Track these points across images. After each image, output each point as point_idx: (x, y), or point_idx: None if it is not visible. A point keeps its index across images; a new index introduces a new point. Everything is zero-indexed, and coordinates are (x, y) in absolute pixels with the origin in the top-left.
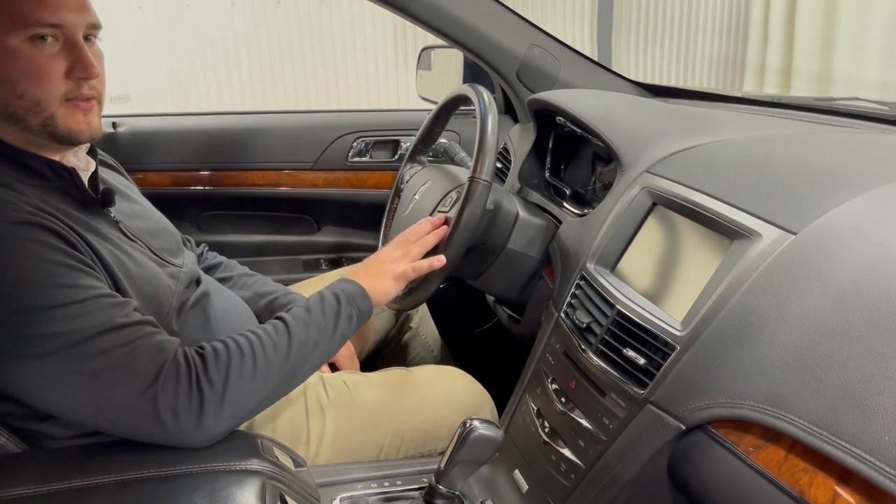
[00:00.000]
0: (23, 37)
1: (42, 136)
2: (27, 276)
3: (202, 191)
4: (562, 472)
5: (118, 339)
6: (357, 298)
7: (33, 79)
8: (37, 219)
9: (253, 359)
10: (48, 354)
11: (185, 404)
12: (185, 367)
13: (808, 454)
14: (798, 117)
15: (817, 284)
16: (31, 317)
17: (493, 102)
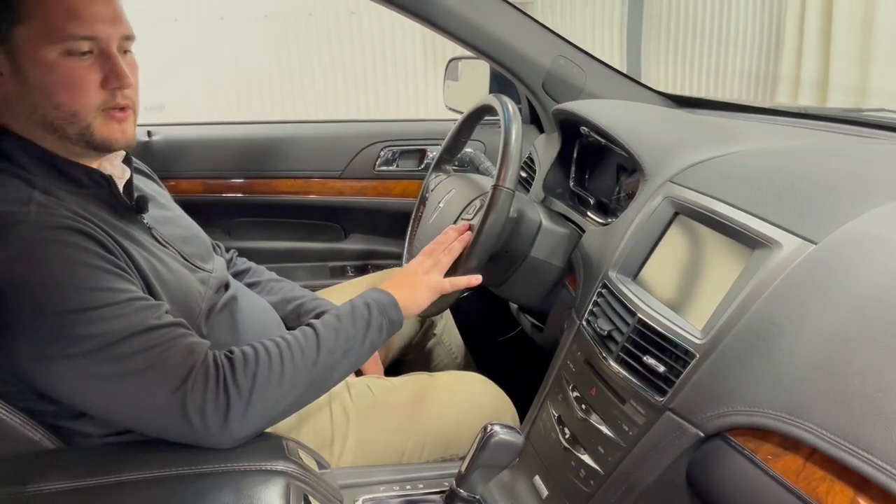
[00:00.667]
0: (59, 49)
1: (79, 144)
2: (65, 280)
3: (233, 198)
4: (581, 478)
5: (150, 340)
6: (388, 308)
7: (70, 90)
8: (76, 224)
9: (281, 364)
10: (83, 355)
11: (213, 406)
12: (214, 370)
13: (826, 462)
14: (824, 128)
15: (837, 294)
16: (67, 318)
17: (517, 112)
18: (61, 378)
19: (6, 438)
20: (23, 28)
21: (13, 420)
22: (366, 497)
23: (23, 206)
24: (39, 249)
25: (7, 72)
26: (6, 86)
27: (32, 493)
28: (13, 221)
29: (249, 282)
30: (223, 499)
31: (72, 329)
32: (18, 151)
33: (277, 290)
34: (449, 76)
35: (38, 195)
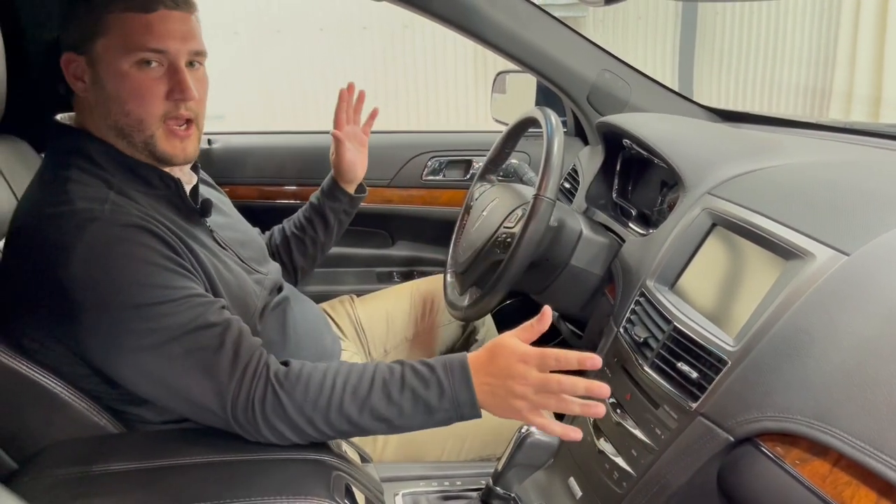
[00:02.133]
0: (132, 61)
1: (144, 153)
2: (131, 276)
3: (286, 204)
4: (614, 479)
5: (205, 337)
6: (464, 408)
7: (138, 98)
8: (144, 223)
9: (314, 406)
10: (143, 348)
11: (253, 408)
12: (262, 375)
13: (852, 468)
14: (866, 143)
15: (868, 304)
16: (131, 313)
17: (559, 125)
18: (123, 367)
19: (75, 423)
20: (103, 41)
21: (81, 405)
22: (405, 491)
23: (100, 204)
24: (111, 246)
25: (89, 81)
26: (88, 93)
27: (98, 472)
28: (90, 218)
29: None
30: (271, 484)
31: (135, 323)
32: (100, 154)
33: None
34: (496, 89)
35: (113, 195)
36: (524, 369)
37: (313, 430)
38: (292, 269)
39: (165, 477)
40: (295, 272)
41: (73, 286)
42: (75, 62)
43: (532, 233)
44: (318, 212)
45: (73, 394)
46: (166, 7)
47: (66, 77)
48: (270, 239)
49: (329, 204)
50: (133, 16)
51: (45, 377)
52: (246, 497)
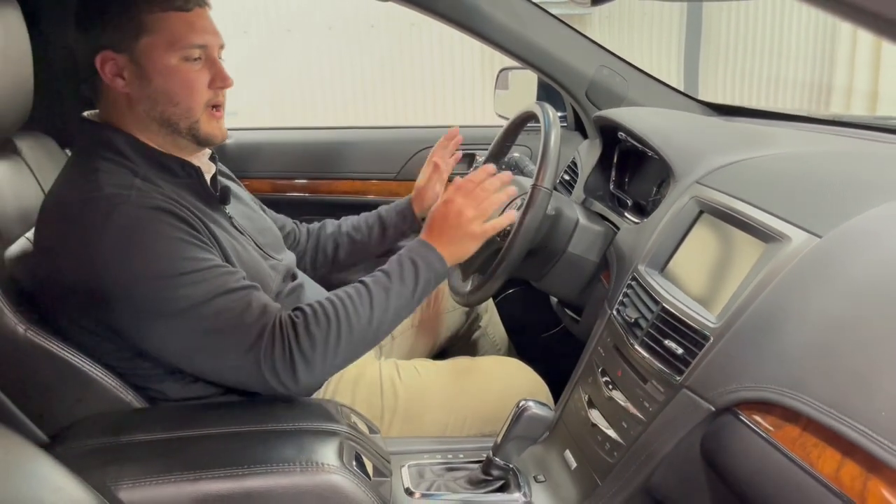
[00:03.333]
0: (178, 56)
1: (188, 137)
2: (158, 250)
3: (297, 197)
4: (606, 450)
5: (230, 301)
6: (434, 263)
7: (186, 89)
8: (168, 206)
9: (338, 324)
10: (173, 315)
11: (282, 362)
12: (282, 331)
13: (819, 431)
14: (854, 135)
15: (836, 282)
16: (160, 283)
17: (557, 119)
18: (155, 336)
19: (102, 399)
20: (147, 39)
21: (108, 383)
22: (411, 463)
23: (126, 189)
24: (139, 225)
25: (131, 76)
26: (129, 88)
27: (126, 442)
28: (117, 203)
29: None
30: (286, 453)
31: (164, 292)
32: (127, 147)
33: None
34: (499, 85)
35: (139, 182)
36: (455, 206)
37: (344, 351)
38: (322, 262)
39: (187, 446)
40: (319, 263)
41: (106, 264)
42: (114, 60)
43: (530, 221)
44: (382, 224)
45: (101, 371)
46: (199, 5)
47: (103, 75)
48: (314, 230)
49: (395, 221)
50: (175, 14)
51: (75, 356)
52: (263, 464)
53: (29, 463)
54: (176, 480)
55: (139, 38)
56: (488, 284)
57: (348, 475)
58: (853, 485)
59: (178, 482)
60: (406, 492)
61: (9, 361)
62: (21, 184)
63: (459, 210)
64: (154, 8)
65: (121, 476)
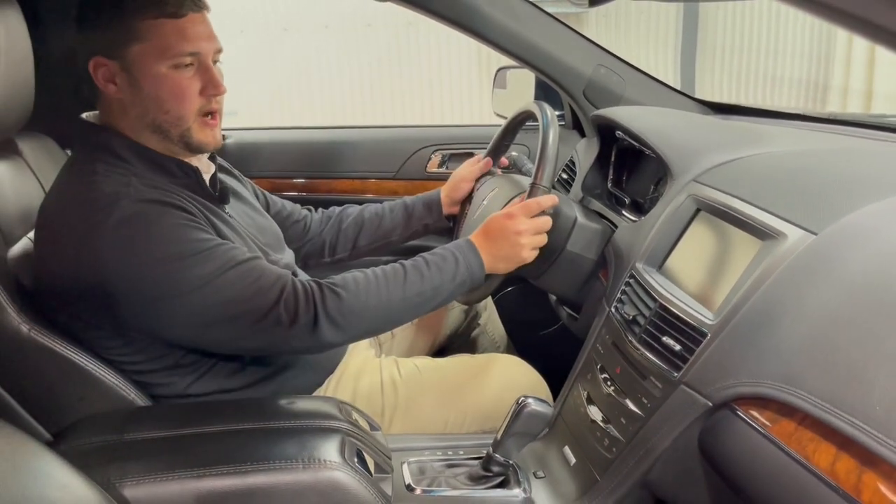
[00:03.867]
0: (169, 64)
1: (179, 144)
2: (164, 236)
3: (297, 196)
4: (605, 445)
5: (243, 271)
6: (474, 267)
7: (177, 97)
8: (166, 197)
9: (367, 294)
10: (191, 292)
11: (305, 316)
12: (307, 288)
13: (815, 425)
14: (849, 133)
15: (831, 279)
16: (171, 265)
17: (555, 118)
18: (169, 317)
19: (105, 397)
20: (138, 46)
21: (112, 381)
22: (412, 459)
23: (124, 186)
24: (140, 215)
25: (123, 83)
26: (121, 94)
27: (130, 439)
28: (116, 199)
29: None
30: (288, 450)
31: (176, 274)
32: (125, 150)
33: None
34: (497, 84)
35: (135, 181)
36: (515, 223)
37: (368, 320)
38: (343, 246)
39: (190, 443)
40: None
41: (112, 257)
42: (106, 66)
43: None
44: (408, 212)
45: (104, 370)
46: (192, 10)
47: (96, 80)
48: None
49: (421, 212)
50: (166, 21)
51: (78, 355)
52: (265, 461)
53: (34, 460)
54: (179, 477)
55: (130, 44)
56: (487, 283)
57: (350, 472)
58: (848, 478)
59: (181, 479)
60: (407, 488)
61: (12, 360)
62: (22, 184)
63: (519, 229)
64: (146, 14)
65: (125, 473)
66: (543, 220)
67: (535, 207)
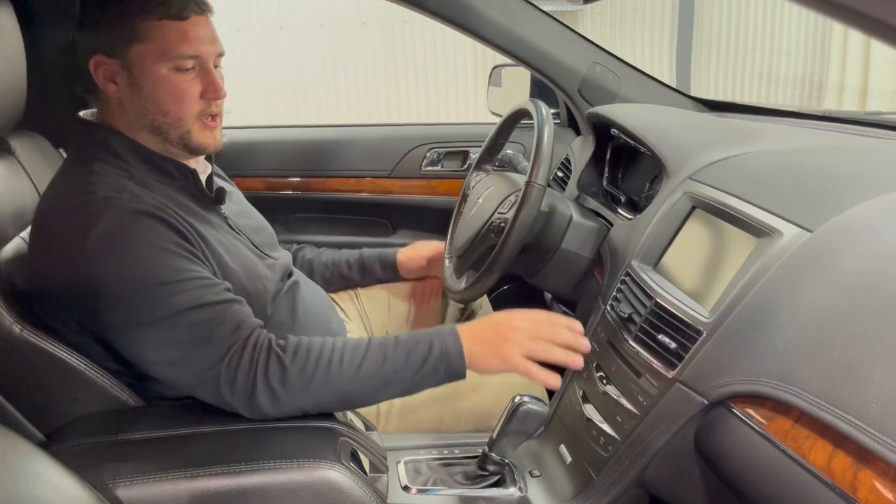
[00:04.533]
0: (169, 66)
1: (178, 146)
2: (142, 257)
3: (292, 195)
4: (601, 444)
5: (208, 313)
6: (452, 356)
7: (176, 99)
8: (157, 212)
9: (315, 367)
10: (152, 323)
11: (244, 384)
12: (256, 353)
13: (811, 423)
14: (844, 130)
15: (827, 276)
16: (138, 290)
17: (550, 116)
18: (129, 341)
19: (98, 398)
20: (139, 47)
21: (104, 382)
22: (407, 458)
23: (118, 192)
24: (125, 230)
25: (123, 83)
26: (121, 94)
27: (122, 440)
28: (108, 206)
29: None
30: (282, 449)
31: (144, 300)
32: (123, 148)
33: (336, 251)
34: (492, 82)
35: (132, 185)
36: (514, 321)
37: (313, 397)
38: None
39: (184, 444)
40: None
41: (90, 267)
42: (106, 65)
43: (524, 217)
44: (363, 267)
45: (96, 371)
46: (196, 13)
47: (96, 79)
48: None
49: (377, 270)
50: (169, 23)
51: (71, 356)
52: (259, 461)
53: (27, 461)
54: (173, 478)
55: (132, 44)
56: (483, 281)
57: (345, 471)
58: (844, 476)
59: (175, 479)
60: (403, 487)
61: (5, 361)
62: (15, 184)
63: (516, 326)
64: (149, 15)
65: (118, 474)
66: (551, 331)
67: (542, 317)
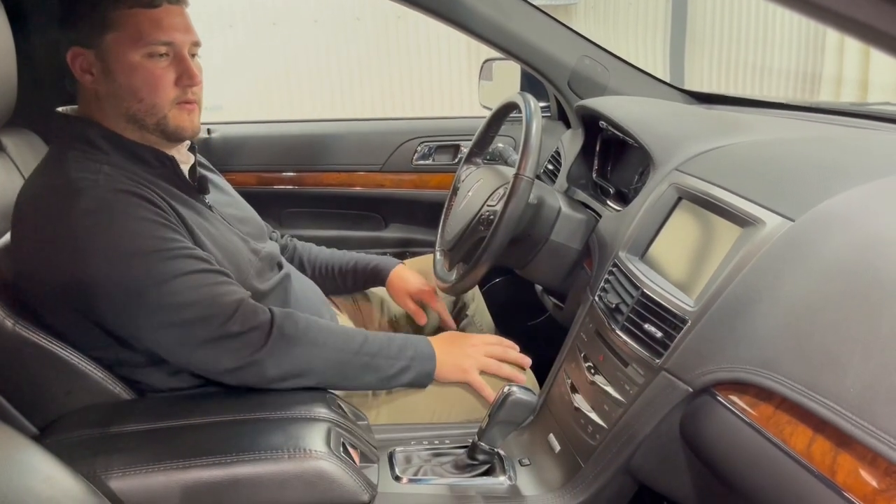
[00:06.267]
0: (142, 53)
1: (156, 133)
2: (124, 230)
3: (284, 190)
4: (588, 432)
5: (194, 282)
6: (424, 360)
7: (150, 87)
8: (135, 188)
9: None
10: (139, 292)
11: (232, 353)
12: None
13: (792, 408)
14: (831, 121)
15: (808, 264)
16: (126, 261)
17: (538, 109)
18: (122, 312)
19: (91, 391)
20: (113, 35)
21: (97, 375)
22: (398, 449)
23: (94, 174)
24: (106, 207)
25: (98, 72)
26: (97, 84)
27: (116, 432)
28: (85, 186)
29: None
30: (274, 440)
31: (130, 270)
32: (99, 139)
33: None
34: (483, 76)
35: (107, 168)
36: (481, 339)
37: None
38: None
39: (177, 435)
40: None
41: (74, 249)
42: (83, 56)
43: (513, 209)
44: (354, 275)
45: (89, 364)
46: (168, 2)
47: (73, 70)
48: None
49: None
50: (141, 11)
51: (63, 349)
52: (251, 451)
53: (19, 453)
54: (165, 469)
55: (105, 34)
56: (473, 273)
57: (335, 461)
58: (824, 459)
59: (167, 470)
60: (393, 477)
61: None
62: (6, 180)
63: (475, 344)
64: (120, 4)
65: (110, 465)
66: (502, 350)
67: (495, 339)
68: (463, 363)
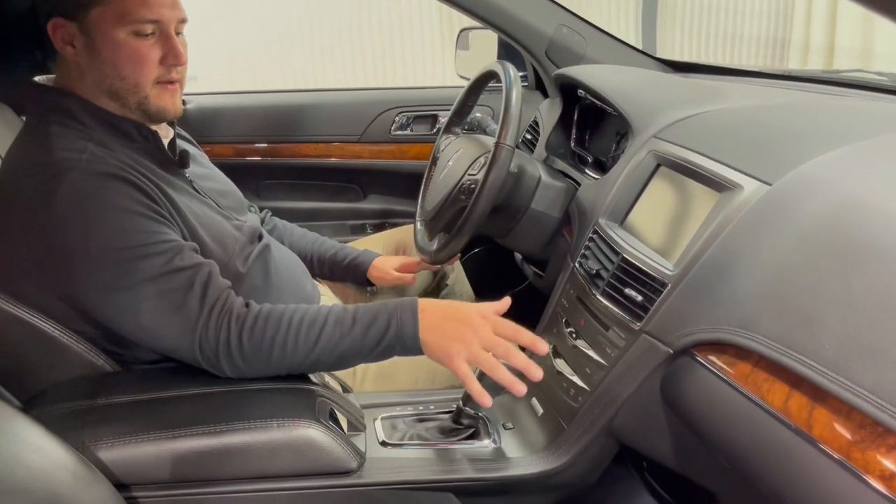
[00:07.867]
0: (128, 30)
1: (136, 112)
2: (107, 221)
3: (260, 161)
4: (571, 395)
5: (176, 279)
6: (407, 339)
7: (134, 64)
8: (122, 173)
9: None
10: (121, 288)
11: (209, 351)
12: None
13: (770, 366)
14: (805, 88)
15: (784, 227)
16: (106, 254)
17: (517, 77)
18: (104, 307)
19: (75, 363)
20: (99, 10)
21: (80, 348)
22: (383, 415)
23: (78, 154)
24: (88, 193)
25: (81, 46)
26: (78, 57)
27: (102, 404)
28: (68, 168)
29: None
30: (262, 410)
31: (111, 265)
32: (81, 112)
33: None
34: (460, 46)
35: (92, 146)
36: (481, 323)
37: (272, 367)
38: None
39: (164, 406)
40: None
41: (53, 233)
42: (64, 27)
43: (494, 178)
44: (333, 266)
45: (72, 337)
46: None
47: (54, 41)
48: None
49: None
50: None
51: (45, 322)
52: (240, 420)
53: (7, 424)
54: (154, 439)
55: (90, 7)
56: (454, 242)
57: (323, 429)
58: (800, 414)
59: (156, 440)
60: (380, 443)
61: None
62: None
63: (477, 329)
64: None
65: (99, 436)
66: (505, 350)
67: (508, 331)
68: (450, 348)
